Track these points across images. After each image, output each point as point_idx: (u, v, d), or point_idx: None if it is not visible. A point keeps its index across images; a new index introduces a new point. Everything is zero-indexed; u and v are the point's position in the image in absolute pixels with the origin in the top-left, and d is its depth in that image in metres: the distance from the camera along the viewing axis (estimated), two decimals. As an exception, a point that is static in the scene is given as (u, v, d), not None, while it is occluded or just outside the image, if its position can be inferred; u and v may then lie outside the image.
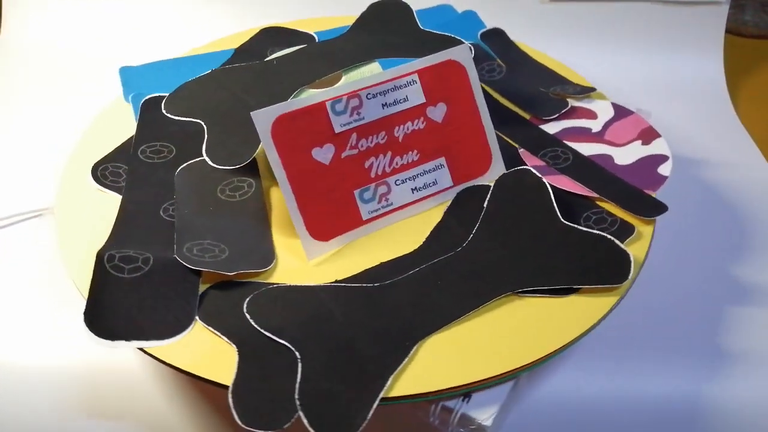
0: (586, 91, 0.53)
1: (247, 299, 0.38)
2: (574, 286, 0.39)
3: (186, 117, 0.44)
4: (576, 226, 0.42)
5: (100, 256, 0.39)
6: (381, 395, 0.34)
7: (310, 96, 0.41)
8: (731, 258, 0.54)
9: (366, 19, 0.53)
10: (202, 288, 0.39)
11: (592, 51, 0.73)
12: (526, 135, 0.51)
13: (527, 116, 0.53)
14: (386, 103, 0.43)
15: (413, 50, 0.48)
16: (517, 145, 0.50)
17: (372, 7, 0.53)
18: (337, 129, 0.42)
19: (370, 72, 0.46)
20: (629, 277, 0.39)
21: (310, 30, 0.59)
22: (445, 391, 0.36)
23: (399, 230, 0.44)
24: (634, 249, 0.42)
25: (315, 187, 0.41)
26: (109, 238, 0.41)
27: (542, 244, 0.41)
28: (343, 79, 0.46)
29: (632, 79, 0.67)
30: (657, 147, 0.50)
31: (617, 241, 0.40)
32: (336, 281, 0.40)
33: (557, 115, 0.52)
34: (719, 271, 0.53)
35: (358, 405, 0.34)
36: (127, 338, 0.37)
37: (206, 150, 0.42)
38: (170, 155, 0.47)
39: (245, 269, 0.40)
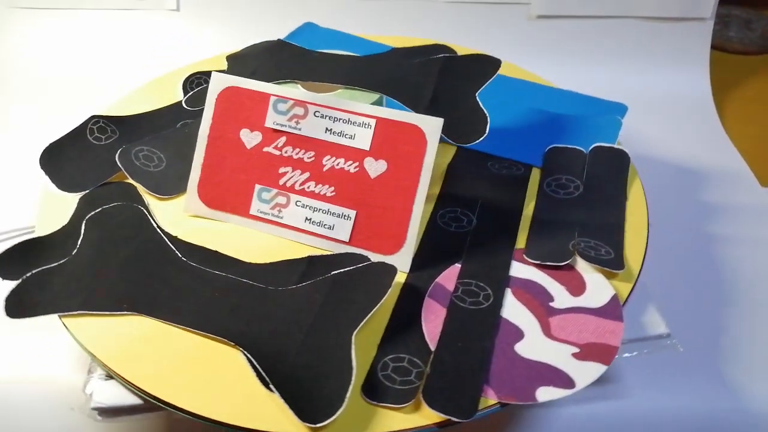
0: (610, 267, 0.41)
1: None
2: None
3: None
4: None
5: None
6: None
7: (268, 85, 0.44)
8: (721, 270, 0.54)
9: (447, 62, 0.49)
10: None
11: (580, 67, 0.74)
12: (485, 263, 0.42)
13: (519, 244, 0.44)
14: (330, 129, 0.43)
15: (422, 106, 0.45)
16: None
17: (463, 58, 0.51)
18: (268, 124, 0.44)
19: (364, 100, 0.46)
20: None
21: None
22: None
23: (266, 241, 0.44)
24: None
25: (225, 159, 0.45)
26: None
27: None
28: (337, 92, 0.47)
29: (619, 94, 0.64)
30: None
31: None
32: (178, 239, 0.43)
33: (546, 263, 0.42)
34: (709, 285, 0.53)
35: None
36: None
37: None
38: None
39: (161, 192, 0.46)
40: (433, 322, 0.39)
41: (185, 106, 0.52)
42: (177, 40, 0.74)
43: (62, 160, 0.47)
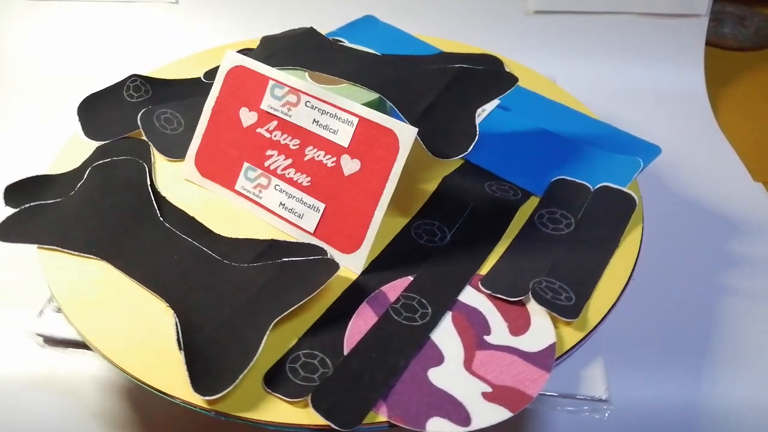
0: (562, 314, 0.39)
1: None
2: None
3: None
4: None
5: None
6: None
7: (271, 69, 0.46)
8: (714, 264, 0.54)
9: (460, 73, 0.48)
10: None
11: (576, 62, 0.74)
12: (438, 281, 0.41)
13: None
14: (317, 121, 0.44)
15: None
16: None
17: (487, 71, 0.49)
18: (263, 106, 0.45)
19: (361, 98, 0.46)
20: None
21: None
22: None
23: (242, 217, 0.45)
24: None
25: (223, 133, 0.47)
26: None
27: None
28: (340, 86, 0.47)
29: (615, 90, 0.67)
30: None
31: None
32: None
33: (497, 295, 0.40)
34: (702, 279, 0.53)
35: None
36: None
37: None
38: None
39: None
40: (359, 328, 0.39)
41: (203, 80, 0.55)
42: (176, 33, 0.75)
43: (96, 110, 0.52)
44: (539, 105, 0.55)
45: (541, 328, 0.39)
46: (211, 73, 0.55)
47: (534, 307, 0.40)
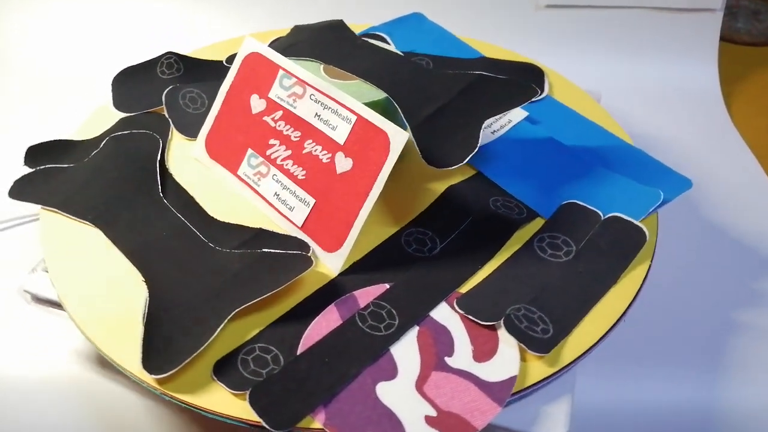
0: (531, 346, 0.36)
1: None
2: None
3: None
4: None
5: None
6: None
7: (284, 59, 0.45)
8: (729, 263, 0.54)
9: (477, 80, 0.46)
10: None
11: (587, 58, 0.73)
12: (413, 294, 0.40)
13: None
14: (319, 115, 0.43)
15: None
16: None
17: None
18: (271, 95, 0.45)
19: (368, 97, 0.45)
20: None
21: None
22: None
23: (240, 202, 0.46)
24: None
25: (233, 118, 0.47)
26: None
27: None
28: (351, 82, 0.46)
29: (627, 85, 0.66)
30: None
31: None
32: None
33: (469, 316, 0.38)
34: (718, 278, 0.52)
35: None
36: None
37: None
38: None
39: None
40: (320, 329, 0.38)
41: (225, 64, 0.55)
42: (175, 27, 0.74)
43: (128, 83, 0.54)
44: (571, 121, 0.52)
45: (506, 358, 0.36)
46: (233, 58, 0.56)
47: (505, 335, 0.37)
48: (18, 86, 0.69)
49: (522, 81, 0.46)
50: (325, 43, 0.50)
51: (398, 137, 0.40)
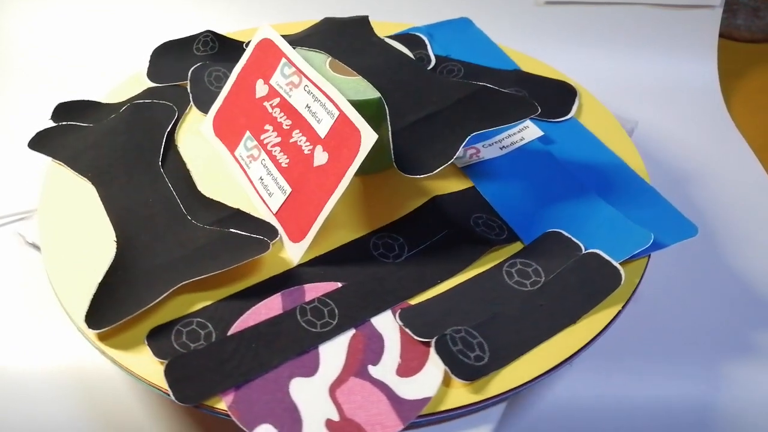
0: (457, 373, 0.34)
1: None
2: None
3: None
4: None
5: None
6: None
7: (289, 48, 0.46)
8: (729, 260, 0.54)
9: (477, 92, 0.44)
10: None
11: (586, 54, 0.73)
12: (362, 297, 0.39)
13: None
14: (309, 107, 0.44)
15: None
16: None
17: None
18: (272, 82, 0.46)
19: (364, 95, 0.45)
20: None
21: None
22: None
23: (231, 182, 0.47)
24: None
25: (240, 99, 0.48)
26: None
27: None
28: (351, 78, 0.46)
29: (626, 81, 0.65)
30: None
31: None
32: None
33: (407, 329, 0.37)
34: (716, 274, 0.52)
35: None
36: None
37: None
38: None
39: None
40: (258, 315, 0.38)
41: (245, 47, 0.56)
42: (174, 23, 0.73)
43: (164, 56, 0.56)
44: (588, 148, 0.49)
45: (429, 378, 0.35)
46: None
47: (436, 355, 0.36)
48: (19, 84, 0.68)
49: (525, 98, 0.44)
50: (339, 37, 0.50)
51: (368, 138, 0.39)
